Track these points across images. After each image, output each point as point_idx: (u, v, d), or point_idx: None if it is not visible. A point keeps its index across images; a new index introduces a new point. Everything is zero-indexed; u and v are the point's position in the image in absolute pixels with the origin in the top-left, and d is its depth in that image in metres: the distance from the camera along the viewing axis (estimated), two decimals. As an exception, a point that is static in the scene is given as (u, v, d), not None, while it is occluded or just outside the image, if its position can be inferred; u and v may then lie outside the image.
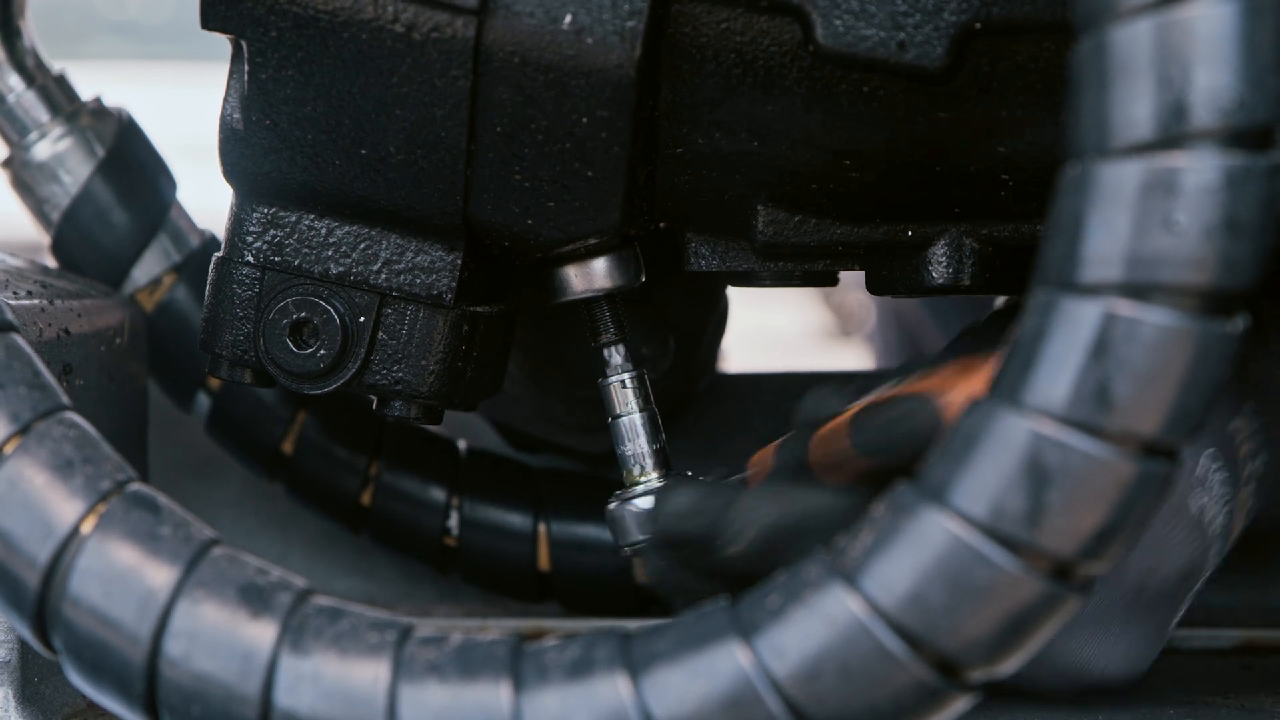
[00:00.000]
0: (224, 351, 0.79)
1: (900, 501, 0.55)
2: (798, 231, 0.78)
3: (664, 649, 0.56)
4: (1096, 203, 0.53)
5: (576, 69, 0.72)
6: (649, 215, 0.78)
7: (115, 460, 0.61)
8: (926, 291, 0.78)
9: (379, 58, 0.73)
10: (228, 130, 0.77)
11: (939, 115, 0.74)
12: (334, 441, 0.97)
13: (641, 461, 0.81)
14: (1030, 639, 0.55)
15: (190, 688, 0.58)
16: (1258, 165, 0.52)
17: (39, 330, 0.81)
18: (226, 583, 0.59)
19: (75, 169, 0.94)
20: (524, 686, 0.57)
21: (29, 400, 0.61)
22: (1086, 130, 0.54)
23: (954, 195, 0.77)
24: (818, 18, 0.71)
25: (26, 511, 0.59)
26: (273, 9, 0.74)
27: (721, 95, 0.74)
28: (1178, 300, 0.53)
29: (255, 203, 0.78)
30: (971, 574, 0.54)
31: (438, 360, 0.78)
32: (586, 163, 0.73)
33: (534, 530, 0.98)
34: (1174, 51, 0.52)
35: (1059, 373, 0.53)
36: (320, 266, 0.78)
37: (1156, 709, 0.83)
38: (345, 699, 0.57)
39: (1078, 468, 0.53)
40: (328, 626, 0.58)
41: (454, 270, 0.77)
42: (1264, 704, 0.84)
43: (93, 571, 0.59)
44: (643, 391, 0.81)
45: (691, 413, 1.04)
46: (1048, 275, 0.54)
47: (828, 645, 0.54)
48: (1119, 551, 0.54)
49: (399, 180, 0.75)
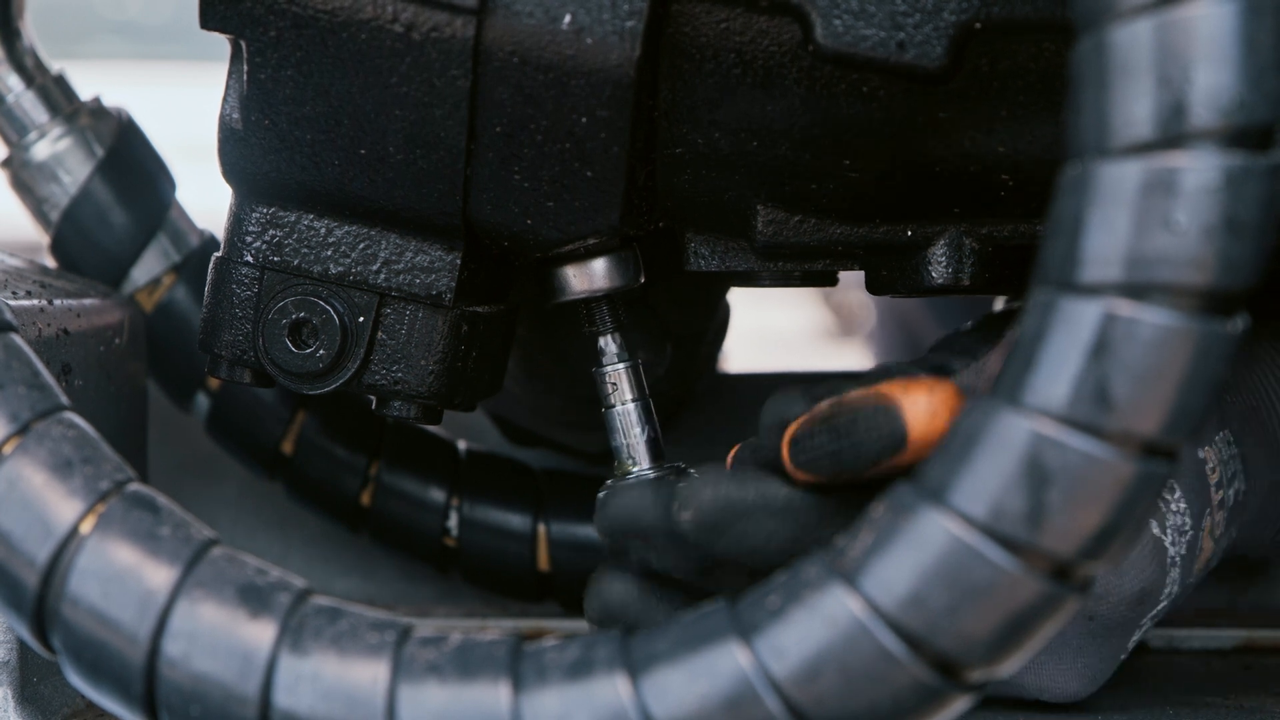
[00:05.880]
0: (223, 351, 0.79)
1: (900, 501, 0.55)
2: (797, 231, 0.78)
3: (664, 649, 0.56)
4: (1096, 202, 0.53)
5: (576, 69, 0.72)
6: (648, 215, 0.78)
7: (114, 460, 0.61)
8: (926, 291, 0.78)
9: (378, 57, 0.73)
10: (227, 130, 0.77)
11: (939, 115, 0.74)
12: (334, 441, 0.97)
13: (634, 452, 0.81)
14: (1030, 639, 0.55)
15: (189, 688, 0.58)
16: (1258, 165, 0.52)
17: (38, 330, 0.81)
18: (226, 583, 0.59)
19: (74, 169, 0.94)
20: (523, 687, 0.57)
21: (28, 400, 0.61)
22: (1086, 130, 0.54)
23: (954, 195, 0.77)
24: (817, 18, 0.71)
25: (25, 511, 0.59)
26: (272, 9, 0.74)
27: (721, 95, 0.74)
28: (1177, 300, 0.53)
29: (254, 202, 0.78)
30: (971, 574, 0.54)
31: (437, 360, 0.78)
32: (586, 163, 0.73)
33: (534, 530, 0.98)
34: (1174, 51, 0.52)
35: (1059, 373, 0.53)
36: (319, 266, 0.78)
37: (1156, 709, 0.83)
38: (344, 699, 0.57)
39: (1077, 468, 0.53)
40: (327, 627, 0.58)
41: (453, 270, 0.77)
42: (1264, 704, 0.84)
43: (92, 571, 0.58)
44: (637, 382, 0.81)
45: (691, 413, 1.04)
46: (1048, 275, 0.54)
47: (827, 645, 0.54)
48: (1119, 551, 0.54)
49: (398, 180, 0.75)
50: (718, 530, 0.72)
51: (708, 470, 0.73)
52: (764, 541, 0.72)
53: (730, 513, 0.72)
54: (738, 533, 0.72)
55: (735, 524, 0.72)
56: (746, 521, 0.72)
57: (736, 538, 0.72)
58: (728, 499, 0.72)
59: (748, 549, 0.72)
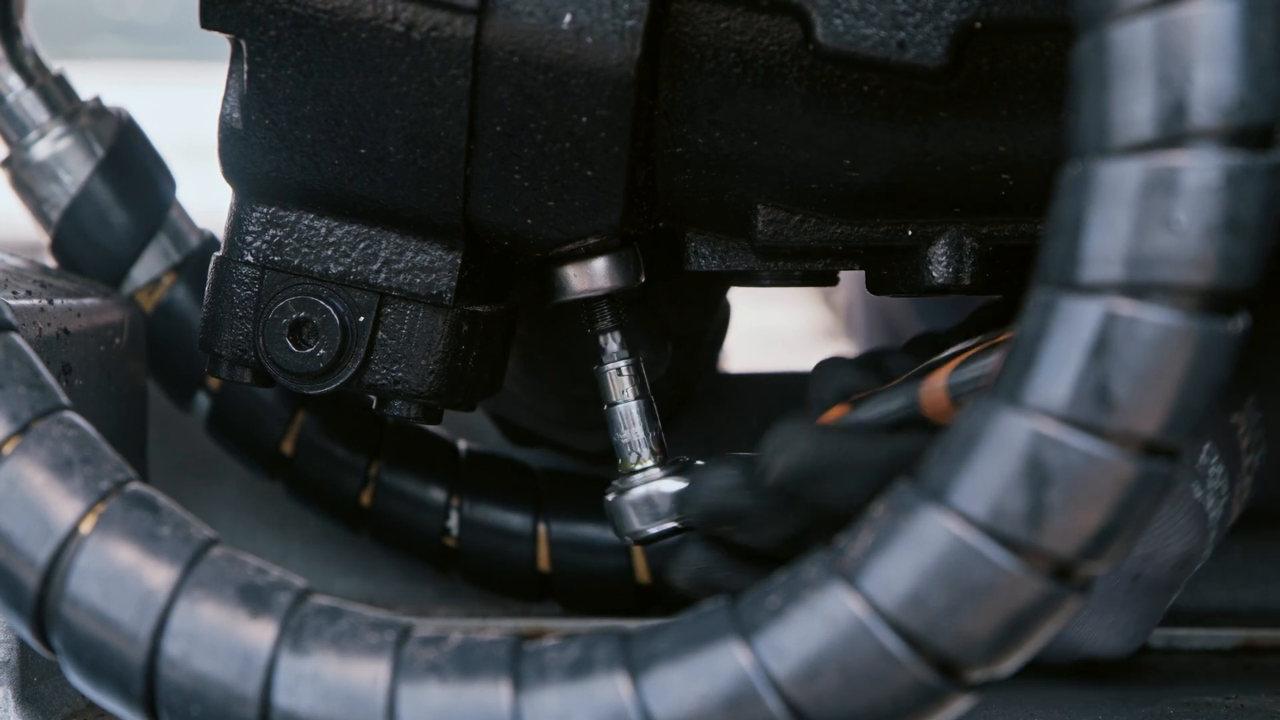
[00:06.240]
0: (223, 351, 0.79)
1: (900, 501, 0.55)
2: (798, 231, 0.78)
3: (664, 649, 0.56)
4: (1097, 202, 0.53)
5: (576, 68, 0.72)
6: (649, 215, 0.78)
7: (114, 460, 0.61)
8: (927, 291, 0.78)
9: (378, 57, 0.73)
10: (227, 130, 0.77)
11: (939, 115, 0.74)
12: (334, 441, 0.97)
13: (638, 449, 0.81)
14: (1030, 639, 0.55)
15: (189, 688, 0.58)
16: (1258, 164, 0.52)
17: (38, 330, 0.81)
18: (226, 583, 0.59)
19: (74, 169, 0.94)
20: (524, 686, 0.57)
21: (28, 400, 0.61)
22: (1087, 129, 0.54)
23: (954, 195, 0.77)
24: (818, 17, 0.71)
25: (25, 511, 0.59)
26: (272, 8, 0.74)
27: (721, 95, 0.74)
28: (1178, 300, 0.53)
29: (255, 202, 0.78)
30: (971, 574, 0.54)
31: (437, 360, 0.78)
32: (586, 162, 0.73)
33: (534, 530, 0.98)
34: (1174, 51, 0.52)
35: (1059, 372, 0.53)
36: (320, 266, 0.78)
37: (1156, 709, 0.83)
38: (345, 699, 0.57)
39: (1078, 467, 0.53)
40: (327, 626, 0.58)
41: (454, 270, 0.77)
42: (1264, 704, 0.84)
43: (92, 571, 0.58)
44: (639, 378, 0.81)
45: (691, 413, 1.03)
46: (1048, 275, 0.54)
47: (828, 645, 0.54)
48: (1119, 551, 0.54)
49: (398, 180, 0.75)
50: (802, 494, 0.73)
51: (792, 429, 0.74)
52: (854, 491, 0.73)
53: (819, 463, 0.73)
54: (824, 494, 0.73)
55: (820, 490, 0.73)
56: (832, 483, 0.73)
57: (824, 496, 0.73)
58: (813, 458, 0.73)
59: (836, 498, 0.73)
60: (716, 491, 0.76)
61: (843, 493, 0.73)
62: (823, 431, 0.74)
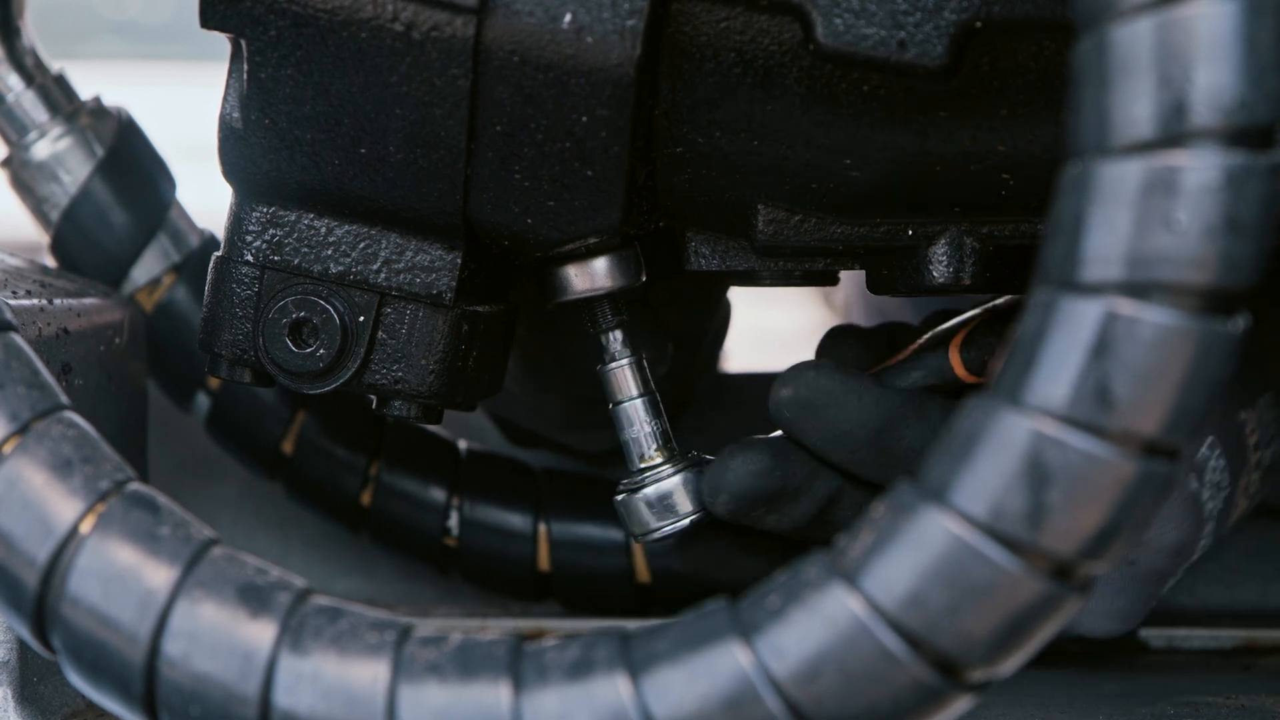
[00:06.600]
0: (223, 351, 0.79)
1: (900, 501, 0.55)
2: (798, 231, 0.78)
3: (664, 649, 0.56)
4: (1097, 202, 0.53)
5: (576, 68, 0.72)
6: (649, 215, 0.78)
7: (114, 460, 0.61)
8: (927, 291, 0.78)
9: (378, 57, 0.73)
10: (227, 129, 0.77)
11: (939, 114, 0.74)
12: (334, 441, 0.97)
13: (645, 446, 0.81)
14: (1031, 639, 0.54)
15: (189, 688, 0.58)
16: (1259, 164, 0.52)
17: (38, 329, 0.81)
18: (225, 583, 0.59)
19: (74, 168, 0.94)
20: (524, 687, 0.57)
21: (28, 400, 0.60)
22: (1087, 129, 0.54)
23: (954, 195, 0.77)
24: (818, 16, 0.71)
25: (25, 511, 0.59)
26: (272, 8, 0.74)
27: (721, 95, 0.74)
28: (1178, 299, 0.53)
29: (254, 202, 0.78)
30: (972, 574, 0.54)
31: (437, 360, 0.78)
32: (586, 162, 0.73)
33: (534, 530, 0.98)
34: (1174, 50, 0.52)
35: (1059, 372, 0.53)
36: (320, 266, 0.78)
37: (1156, 709, 0.83)
38: (345, 699, 0.57)
39: (1078, 467, 0.53)
40: (327, 626, 0.58)
41: (454, 269, 0.77)
42: (1264, 704, 0.84)
43: (92, 571, 0.58)
44: (642, 376, 0.81)
45: (691, 413, 1.03)
46: (1048, 274, 0.54)
47: (828, 645, 0.54)
48: (1120, 551, 0.54)
49: (398, 179, 0.75)
50: (812, 409, 0.77)
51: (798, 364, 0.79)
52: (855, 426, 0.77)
53: (824, 394, 0.77)
54: (830, 416, 0.77)
55: (829, 407, 0.77)
56: (839, 406, 0.77)
57: (829, 421, 0.77)
58: (822, 379, 0.78)
59: (839, 433, 0.77)
60: (748, 475, 0.77)
61: (848, 418, 0.76)
62: (829, 366, 0.78)
